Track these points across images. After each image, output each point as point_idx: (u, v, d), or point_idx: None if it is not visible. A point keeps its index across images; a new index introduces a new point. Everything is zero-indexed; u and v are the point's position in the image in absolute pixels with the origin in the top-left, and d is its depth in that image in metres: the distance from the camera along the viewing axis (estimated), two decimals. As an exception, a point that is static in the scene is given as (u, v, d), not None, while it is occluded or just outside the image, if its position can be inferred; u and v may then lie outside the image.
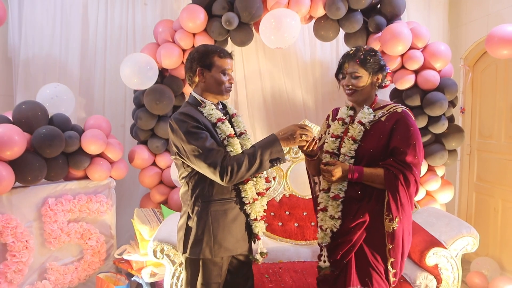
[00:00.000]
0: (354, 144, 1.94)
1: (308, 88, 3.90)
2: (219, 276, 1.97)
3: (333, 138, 2.02)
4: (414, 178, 1.86)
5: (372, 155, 1.92)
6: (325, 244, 1.97)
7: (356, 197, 1.93)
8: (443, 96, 3.21)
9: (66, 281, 2.99)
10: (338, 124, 2.04)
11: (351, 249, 1.91)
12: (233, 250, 1.96)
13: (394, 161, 1.86)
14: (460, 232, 2.60)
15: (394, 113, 1.93)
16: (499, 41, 2.85)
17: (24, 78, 3.50)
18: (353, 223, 1.90)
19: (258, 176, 2.03)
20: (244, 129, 2.06)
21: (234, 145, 1.89)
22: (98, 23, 3.70)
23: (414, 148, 1.86)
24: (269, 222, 3.12)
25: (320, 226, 2.00)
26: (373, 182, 1.89)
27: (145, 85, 3.19)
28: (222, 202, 1.92)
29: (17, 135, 2.64)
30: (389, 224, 1.87)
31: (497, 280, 3.24)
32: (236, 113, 2.09)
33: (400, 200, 1.85)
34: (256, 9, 3.10)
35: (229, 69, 1.96)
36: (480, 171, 3.90)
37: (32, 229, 2.84)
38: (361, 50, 1.96)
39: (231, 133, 1.91)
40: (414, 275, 2.62)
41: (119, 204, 3.48)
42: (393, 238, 1.87)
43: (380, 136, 1.91)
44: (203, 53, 1.94)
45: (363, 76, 1.93)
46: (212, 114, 1.92)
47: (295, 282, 2.65)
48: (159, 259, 2.50)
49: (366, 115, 1.95)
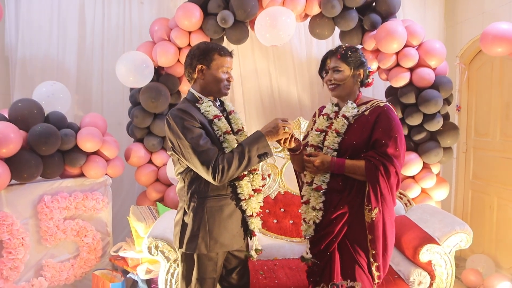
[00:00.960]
0: (338, 137, 1.99)
1: (304, 86, 3.92)
2: (214, 271, 1.99)
3: (318, 132, 2.07)
4: (395, 169, 1.89)
5: (355, 148, 1.96)
6: (308, 237, 2.02)
7: (338, 189, 1.98)
8: (438, 93, 3.22)
9: (62, 278, 3.00)
10: (323, 119, 2.09)
11: (334, 240, 1.95)
12: (229, 246, 1.98)
13: (376, 152, 1.91)
14: (454, 228, 2.61)
15: (377, 107, 1.98)
16: (493, 39, 2.85)
17: (21, 77, 3.52)
18: (334, 215, 1.95)
19: (254, 173, 2.04)
20: (242, 126, 2.08)
21: (230, 142, 1.91)
22: (95, 22, 3.72)
23: (396, 140, 1.90)
24: (264, 219, 3.13)
25: (304, 219, 2.05)
26: (355, 173, 1.94)
27: (141, 83, 3.21)
28: (218, 198, 1.94)
29: (13, 132, 2.65)
30: (368, 214, 1.92)
31: (492, 277, 3.25)
32: (233, 110, 2.11)
33: (381, 191, 1.89)
34: (251, 7, 3.12)
35: (229, 67, 1.98)
36: (476, 169, 3.91)
37: (28, 226, 2.85)
38: (342, 46, 2.04)
39: (227, 130, 1.93)
40: (408, 272, 2.63)
41: (116, 202, 3.50)
42: (373, 229, 1.91)
43: (363, 129, 1.96)
44: (204, 50, 1.96)
45: (345, 70, 2.00)
46: (209, 111, 1.93)
47: (289, 278, 2.67)
48: (153, 256, 2.51)
49: (350, 109, 2.01)
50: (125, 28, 3.76)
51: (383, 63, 3.29)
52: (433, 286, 2.59)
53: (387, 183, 1.89)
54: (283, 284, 2.60)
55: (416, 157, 3.36)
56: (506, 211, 3.47)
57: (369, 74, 2.06)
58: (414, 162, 3.35)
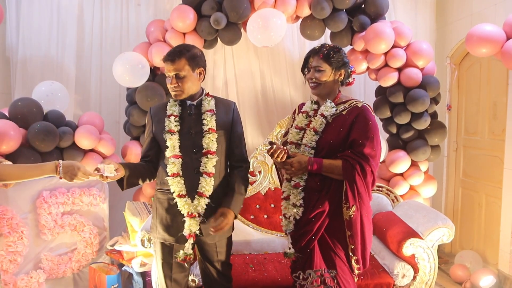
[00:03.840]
0: (316, 135, 2.06)
1: (296, 86, 4.00)
2: (170, 256, 2.16)
3: (297, 130, 2.15)
4: (371, 168, 1.97)
5: (332, 146, 2.03)
6: (289, 232, 2.09)
7: (316, 188, 2.05)
8: (425, 93, 3.31)
9: (60, 271, 3.11)
10: (303, 117, 2.17)
11: (313, 238, 2.03)
12: (165, 238, 2.14)
13: (352, 152, 1.98)
14: (436, 223, 2.69)
15: (355, 108, 2.04)
16: (477, 40, 2.94)
17: (22, 76, 3.61)
18: (313, 213, 2.02)
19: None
20: (210, 128, 2.09)
21: (170, 141, 2.06)
22: (93, 23, 3.82)
23: (372, 141, 1.97)
24: (255, 215, 3.24)
25: (284, 214, 2.12)
26: (332, 173, 2.00)
27: (137, 83, 3.31)
28: (162, 192, 2.15)
29: (12, 130, 2.78)
30: (347, 212, 1.99)
31: (478, 272, 3.33)
32: (211, 109, 2.13)
33: (358, 189, 1.96)
34: (243, 9, 3.21)
35: (169, 70, 2.05)
36: (466, 167, 3.99)
37: (27, 220, 2.97)
38: (325, 46, 2.09)
39: (170, 129, 2.08)
40: (392, 265, 2.72)
41: (113, 198, 3.60)
42: (351, 225, 1.99)
43: (340, 129, 2.03)
44: None
45: (326, 70, 2.06)
46: (169, 110, 2.12)
47: (278, 271, 2.76)
48: (146, 248, 2.61)
49: (328, 108, 2.07)
50: (122, 29, 3.86)
51: (372, 63, 3.38)
52: (416, 279, 2.69)
53: (363, 182, 1.97)
54: (271, 277, 2.70)
55: (405, 155, 3.45)
56: (494, 208, 3.54)
57: (350, 74, 2.12)
58: (403, 160, 3.43)
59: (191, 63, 2.05)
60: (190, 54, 2.05)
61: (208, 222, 2.04)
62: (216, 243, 2.17)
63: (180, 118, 2.11)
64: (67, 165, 1.80)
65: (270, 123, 3.97)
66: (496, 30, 2.87)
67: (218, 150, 2.10)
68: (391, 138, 3.63)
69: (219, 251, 2.19)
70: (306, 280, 1.99)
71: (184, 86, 2.05)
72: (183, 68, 2.03)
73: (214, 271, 2.21)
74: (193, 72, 2.07)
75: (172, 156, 2.06)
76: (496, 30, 2.88)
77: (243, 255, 3.04)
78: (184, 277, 2.24)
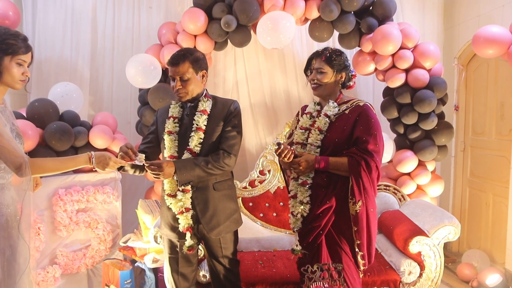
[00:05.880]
0: (320, 135, 2.14)
1: (304, 86, 4.05)
2: (175, 251, 2.27)
3: (302, 130, 2.22)
4: (375, 164, 2.03)
5: (336, 144, 2.10)
6: (297, 229, 2.16)
7: (323, 184, 2.11)
8: (432, 94, 3.35)
9: (75, 267, 3.20)
10: (307, 118, 2.24)
11: (321, 233, 2.09)
12: (168, 234, 2.25)
13: (357, 149, 2.05)
14: (442, 221, 2.74)
15: (357, 107, 2.12)
16: (484, 41, 2.98)
17: (37, 77, 3.72)
18: (320, 209, 2.08)
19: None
20: (198, 127, 2.14)
21: (168, 142, 2.18)
22: (106, 26, 3.92)
23: (375, 137, 2.05)
24: (264, 213, 3.30)
25: (292, 212, 2.19)
26: (338, 169, 2.07)
27: (149, 84, 3.39)
28: (164, 190, 2.23)
29: (30, 130, 2.88)
30: (353, 207, 2.05)
31: (485, 271, 3.36)
32: (205, 110, 2.17)
33: (363, 184, 2.03)
34: (253, 12, 3.28)
35: (171, 75, 2.15)
36: (473, 167, 4.02)
37: (43, 217, 3.06)
38: (328, 49, 2.19)
39: (168, 130, 2.19)
40: (398, 262, 2.77)
41: (126, 196, 3.69)
42: (357, 221, 2.05)
43: (344, 127, 2.10)
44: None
45: (328, 72, 2.14)
46: (171, 112, 2.24)
47: (287, 268, 2.82)
48: (159, 244, 2.69)
49: (331, 108, 2.15)
50: (134, 31, 3.95)
51: (379, 65, 3.43)
52: (422, 276, 2.73)
53: (368, 177, 2.03)
54: (280, 273, 2.76)
55: (412, 155, 3.49)
56: (501, 208, 3.57)
57: (351, 77, 2.21)
58: (410, 159, 3.48)
59: (195, 66, 2.13)
60: (193, 58, 2.13)
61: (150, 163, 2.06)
62: (220, 238, 2.23)
63: (181, 120, 2.22)
64: (99, 156, 1.97)
65: (279, 123, 4.04)
66: (503, 32, 2.91)
67: (210, 148, 2.15)
68: (398, 138, 3.67)
69: (224, 247, 2.25)
70: (314, 274, 2.05)
71: (188, 88, 2.13)
72: (187, 71, 2.11)
73: (221, 268, 2.27)
74: (197, 75, 2.15)
75: (168, 156, 2.17)
76: (502, 31, 2.91)
77: (253, 252, 3.11)
78: (192, 272, 2.33)
